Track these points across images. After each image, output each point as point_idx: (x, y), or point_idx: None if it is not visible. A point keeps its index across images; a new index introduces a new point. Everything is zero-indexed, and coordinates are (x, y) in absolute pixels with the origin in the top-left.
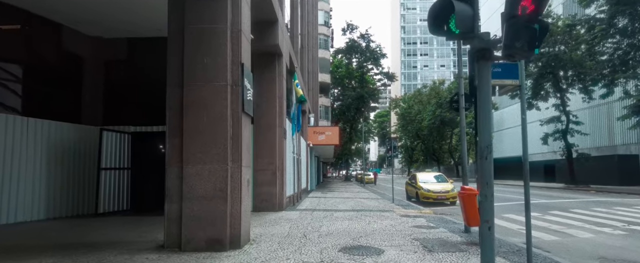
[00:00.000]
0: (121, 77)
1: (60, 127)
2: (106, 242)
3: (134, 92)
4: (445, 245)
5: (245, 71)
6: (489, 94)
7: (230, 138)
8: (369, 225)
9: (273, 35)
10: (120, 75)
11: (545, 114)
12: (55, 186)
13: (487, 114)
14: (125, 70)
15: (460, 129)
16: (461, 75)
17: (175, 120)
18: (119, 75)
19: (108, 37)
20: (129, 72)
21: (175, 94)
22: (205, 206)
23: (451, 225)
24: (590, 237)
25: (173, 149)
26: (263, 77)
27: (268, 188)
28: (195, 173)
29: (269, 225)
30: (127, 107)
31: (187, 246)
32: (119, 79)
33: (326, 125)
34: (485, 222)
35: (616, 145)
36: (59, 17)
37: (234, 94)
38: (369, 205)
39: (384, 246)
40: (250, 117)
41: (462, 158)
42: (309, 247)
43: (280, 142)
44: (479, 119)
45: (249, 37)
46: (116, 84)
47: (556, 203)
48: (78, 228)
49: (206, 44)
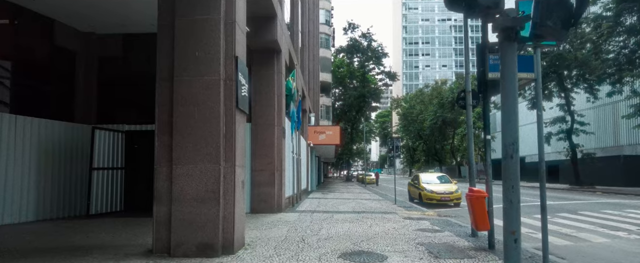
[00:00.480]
0: (115, 74)
1: (51, 126)
2: (93, 245)
3: (128, 89)
4: (452, 250)
5: (240, 65)
6: (514, 81)
7: (224, 136)
8: (371, 228)
9: (271, 30)
10: (114, 72)
11: (550, 114)
12: (46, 187)
13: (512, 105)
14: (119, 67)
15: (467, 127)
16: (468, 71)
17: (165, 117)
18: (112, 72)
19: (101, 32)
20: (123, 69)
21: (165, 89)
22: (196, 209)
23: (457, 228)
24: (606, 242)
25: (162, 148)
26: (261, 74)
27: (266, 189)
28: (186, 173)
29: (266, 228)
30: (121, 105)
31: (177, 251)
32: (112, 76)
33: (327, 125)
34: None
35: (622, 146)
36: (50, 11)
37: (227, 89)
38: (371, 206)
39: (387, 252)
40: (245, 114)
41: (469, 158)
42: (307, 252)
43: (279, 142)
44: (504, 111)
45: (244, 29)
46: (110, 81)
47: (563, 205)
48: (66, 231)
49: (198, 36)
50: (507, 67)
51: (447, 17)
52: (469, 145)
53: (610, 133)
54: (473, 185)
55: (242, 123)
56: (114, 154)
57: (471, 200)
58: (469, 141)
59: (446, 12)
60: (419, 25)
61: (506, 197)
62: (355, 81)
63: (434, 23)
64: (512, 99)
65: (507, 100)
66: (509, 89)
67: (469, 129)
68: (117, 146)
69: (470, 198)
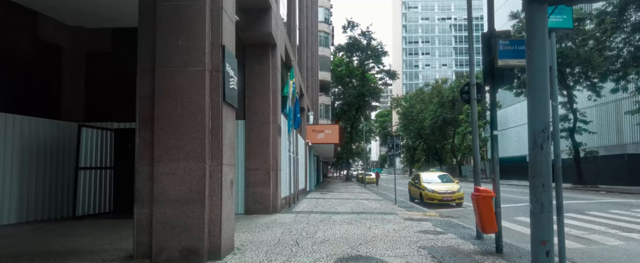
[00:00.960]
0: (104, 70)
1: (35, 123)
2: (70, 250)
3: (117, 86)
4: (457, 255)
5: (227, 55)
6: (544, 51)
7: (209, 132)
8: (370, 230)
9: (266, 23)
10: (102, 68)
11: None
12: (29, 187)
13: (542, 81)
14: (109, 62)
15: (472, 122)
16: (473, 62)
17: (146, 112)
18: (101, 68)
19: (89, 27)
20: (113, 64)
21: (147, 81)
22: (180, 211)
23: (461, 230)
24: (620, 245)
25: (144, 145)
26: (256, 69)
27: (261, 188)
28: (168, 172)
29: (258, 230)
30: (110, 102)
31: (159, 257)
32: (101, 72)
33: (326, 124)
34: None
35: (626, 144)
36: (34, 4)
37: (213, 80)
38: (370, 207)
39: (387, 256)
40: (234, 108)
41: (474, 156)
42: (300, 257)
43: (275, 139)
44: (531, 90)
45: (233, 17)
46: (98, 77)
47: (569, 204)
48: (47, 234)
49: (181, 23)
50: (536, 33)
51: (447, 16)
52: (474, 141)
53: (613, 131)
54: (478, 184)
55: (231, 118)
56: (102, 153)
57: (477, 200)
58: (474, 137)
59: (446, 11)
60: (419, 24)
61: (535, 199)
62: (355, 80)
63: (434, 22)
64: (542, 74)
65: (536, 75)
66: (538, 62)
67: (474, 124)
68: (106, 145)
69: (476, 198)
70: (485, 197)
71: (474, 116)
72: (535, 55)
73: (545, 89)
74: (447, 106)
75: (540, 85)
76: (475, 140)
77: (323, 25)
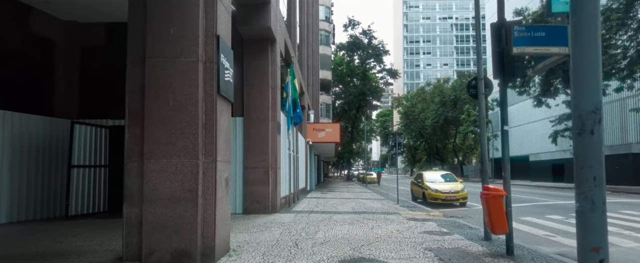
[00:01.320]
0: (98, 65)
1: (27, 120)
2: (58, 251)
3: (113, 82)
4: (466, 257)
5: (222, 45)
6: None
7: (203, 126)
8: (372, 231)
9: (265, 17)
10: (97, 63)
11: (556, 111)
12: (21, 186)
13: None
14: (103, 58)
15: (479, 118)
16: (480, 55)
17: (136, 106)
18: (96, 63)
19: (83, 21)
20: (108, 60)
21: (137, 73)
22: (171, 210)
23: (467, 230)
24: (636, 247)
25: (133, 140)
26: (254, 64)
27: (259, 187)
28: (159, 169)
29: (256, 230)
30: (105, 98)
31: (149, 259)
32: (96, 68)
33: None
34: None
35: (630, 144)
36: None
37: (207, 72)
38: (372, 206)
39: (391, 258)
40: (229, 102)
41: (482, 153)
42: (299, 259)
43: (274, 137)
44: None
45: (229, 6)
46: (93, 73)
47: None
48: (37, 234)
49: (173, 11)
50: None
51: (448, 16)
52: (482, 138)
53: (617, 131)
54: (486, 182)
55: (226, 112)
56: (96, 151)
57: (487, 199)
58: (481, 134)
59: (447, 10)
60: (420, 24)
61: (583, 195)
62: (356, 79)
63: (435, 21)
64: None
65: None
66: (588, 27)
67: (481, 120)
68: (100, 142)
69: (485, 197)
70: (496, 196)
71: (482, 112)
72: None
73: (596, 62)
74: (449, 105)
75: (591, 58)
76: (483, 137)
77: (324, 24)
